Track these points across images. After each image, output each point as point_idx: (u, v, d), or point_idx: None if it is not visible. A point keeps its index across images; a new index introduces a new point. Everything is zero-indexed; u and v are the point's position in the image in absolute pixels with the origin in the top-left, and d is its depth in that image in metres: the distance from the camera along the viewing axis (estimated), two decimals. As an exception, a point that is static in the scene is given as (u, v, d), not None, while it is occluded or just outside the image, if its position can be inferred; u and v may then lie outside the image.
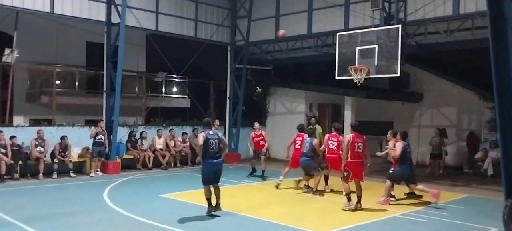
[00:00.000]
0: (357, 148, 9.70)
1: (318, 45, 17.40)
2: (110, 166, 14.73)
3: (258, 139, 14.39)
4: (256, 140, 14.37)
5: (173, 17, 17.28)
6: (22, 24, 14.86)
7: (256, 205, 10.33)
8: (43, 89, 16.88)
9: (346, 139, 9.93)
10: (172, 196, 11.11)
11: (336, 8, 15.91)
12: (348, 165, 9.71)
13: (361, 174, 9.87)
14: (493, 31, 3.43)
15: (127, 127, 16.47)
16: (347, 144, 9.70)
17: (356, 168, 9.74)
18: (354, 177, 9.74)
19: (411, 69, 18.10)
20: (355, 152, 9.69)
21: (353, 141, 9.70)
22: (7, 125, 14.40)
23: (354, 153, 9.69)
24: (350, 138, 9.76)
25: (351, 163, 9.69)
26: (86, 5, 14.90)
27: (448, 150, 16.15)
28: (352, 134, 9.86)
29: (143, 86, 19.64)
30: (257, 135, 14.44)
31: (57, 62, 17.55)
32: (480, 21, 12.91)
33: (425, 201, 10.75)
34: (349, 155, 9.68)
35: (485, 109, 16.91)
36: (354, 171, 9.69)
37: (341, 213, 9.70)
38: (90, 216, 9.01)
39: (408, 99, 19.11)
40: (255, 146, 14.38)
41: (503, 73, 3.36)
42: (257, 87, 20.84)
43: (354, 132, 9.96)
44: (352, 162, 9.69)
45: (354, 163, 9.72)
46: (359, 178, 9.83)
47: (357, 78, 13.24)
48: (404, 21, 13.82)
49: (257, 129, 14.63)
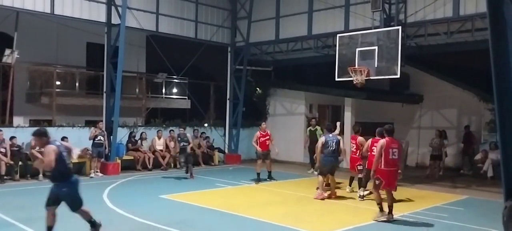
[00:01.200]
0: (391, 155, 8.74)
1: (318, 46, 17.41)
2: (110, 166, 14.73)
3: (264, 138, 13.88)
4: (262, 140, 13.81)
5: (173, 18, 17.29)
6: (23, 24, 14.87)
7: (256, 205, 10.33)
8: (43, 90, 16.89)
9: (379, 145, 8.84)
10: (172, 197, 11.10)
11: (336, 9, 15.92)
12: (381, 173, 8.75)
13: (394, 183, 8.98)
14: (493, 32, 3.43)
15: (127, 128, 16.48)
16: (380, 149, 8.69)
17: (389, 177, 8.80)
18: (386, 186, 8.86)
19: (411, 70, 18.11)
20: (390, 159, 8.72)
21: (388, 147, 8.74)
22: (7, 125, 14.40)
23: (388, 160, 8.71)
24: (383, 143, 8.75)
25: (384, 171, 8.74)
26: (87, 6, 14.91)
27: (448, 151, 16.14)
28: (386, 139, 8.87)
29: (143, 87, 19.65)
30: (263, 135, 13.93)
31: (57, 63, 17.56)
32: (480, 23, 12.92)
33: (426, 202, 10.75)
34: (382, 162, 8.69)
35: (485, 110, 16.91)
36: (386, 180, 8.76)
37: (341, 214, 9.70)
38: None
39: (408, 100, 19.12)
40: (261, 146, 13.77)
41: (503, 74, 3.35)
42: (257, 88, 20.84)
43: (389, 136, 8.96)
44: (385, 170, 8.74)
45: (387, 171, 8.77)
46: (392, 187, 8.98)
47: (357, 80, 13.23)
48: (404, 23, 13.83)
49: (263, 129, 14.12)
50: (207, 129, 19.09)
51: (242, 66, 19.27)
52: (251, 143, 20.14)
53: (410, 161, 18.87)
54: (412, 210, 10.00)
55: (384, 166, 8.69)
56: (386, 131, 9.07)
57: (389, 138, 8.90)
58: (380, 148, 8.70)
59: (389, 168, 8.74)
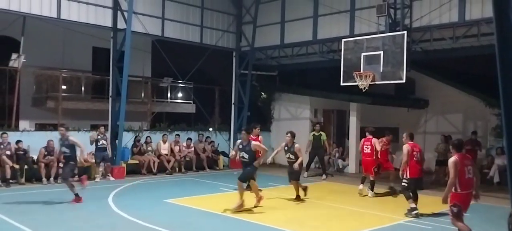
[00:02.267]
0: (467, 173, 7.13)
1: (323, 51, 17.40)
2: (115, 170, 14.76)
3: None
4: None
5: (179, 23, 17.35)
6: (29, 29, 14.97)
7: (260, 210, 10.30)
8: (49, 94, 16.97)
9: (451, 163, 7.09)
10: (176, 201, 11.10)
11: (341, 14, 15.92)
12: (457, 197, 7.09)
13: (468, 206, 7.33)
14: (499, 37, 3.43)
15: (132, 132, 16.52)
16: (454, 169, 6.99)
17: (466, 201, 7.19)
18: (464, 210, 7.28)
19: (417, 75, 18.04)
20: (466, 179, 7.11)
21: (462, 164, 7.09)
22: (13, 129, 14.46)
23: (464, 181, 7.07)
24: (456, 160, 7.05)
25: (461, 195, 7.08)
26: (93, 11, 14.99)
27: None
28: (456, 156, 7.16)
29: (149, 92, 19.71)
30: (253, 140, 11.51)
31: (63, 67, 17.64)
32: (486, 28, 12.87)
33: (431, 208, 10.68)
34: (458, 184, 7.03)
35: (491, 116, 16.82)
36: (464, 204, 7.17)
37: (346, 219, 9.66)
38: (95, 220, 9.02)
39: (413, 105, 19.05)
40: None
41: (509, 79, 3.35)
42: (262, 93, 20.86)
43: (457, 151, 7.26)
44: (463, 194, 7.08)
45: (465, 195, 7.13)
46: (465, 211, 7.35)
47: (363, 84, 13.22)
48: (409, 28, 13.81)
49: (255, 133, 12.23)
50: (212, 133, 19.11)
51: (247, 71, 19.29)
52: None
53: (416, 166, 18.78)
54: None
55: (460, 189, 7.03)
56: (454, 145, 7.40)
57: (460, 154, 7.22)
58: (454, 166, 7.00)
59: (467, 191, 7.13)
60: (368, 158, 12.37)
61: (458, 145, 7.39)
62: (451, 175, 7.06)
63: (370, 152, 12.27)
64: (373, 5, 14.40)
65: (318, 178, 15.90)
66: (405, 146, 9.94)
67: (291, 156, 11.24)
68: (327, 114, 20.25)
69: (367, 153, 12.35)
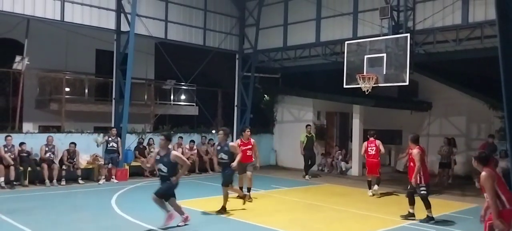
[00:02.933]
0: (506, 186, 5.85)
1: (326, 53, 17.40)
2: (118, 173, 14.79)
3: (246, 148, 11.43)
4: (243, 148, 11.16)
5: (182, 26, 17.39)
6: (33, 31, 15.02)
7: (263, 212, 10.30)
8: (52, 96, 17.00)
9: (489, 180, 5.69)
10: (179, 203, 11.07)
11: (344, 16, 15.92)
12: (504, 214, 5.61)
13: None
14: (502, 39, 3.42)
15: (135, 134, 16.54)
16: (491, 184, 5.65)
17: None
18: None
19: (420, 78, 18.03)
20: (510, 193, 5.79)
21: (499, 178, 5.82)
22: (17, 131, 14.51)
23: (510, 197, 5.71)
24: (488, 176, 5.69)
25: (508, 212, 5.64)
26: (96, 13, 15.04)
27: (457, 159, 16.01)
28: (487, 170, 5.77)
29: (152, 94, 19.72)
30: (245, 143, 11.58)
31: (67, 70, 17.68)
32: (489, 30, 12.85)
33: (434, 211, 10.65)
34: (505, 199, 5.65)
35: (495, 118, 16.77)
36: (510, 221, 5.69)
37: (349, 221, 9.64)
38: (98, 222, 9.04)
39: (416, 108, 19.02)
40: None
41: (512, 82, 3.34)
42: (264, 95, 20.87)
43: (485, 166, 5.87)
44: (510, 210, 5.64)
45: None
46: None
47: (366, 86, 13.22)
48: (412, 30, 13.79)
49: (246, 137, 11.77)
50: (215, 136, 19.08)
51: (250, 73, 19.31)
52: (258, 150, 20.09)
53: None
54: (420, 218, 9.91)
55: (509, 205, 5.64)
56: (481, 160, 5.96)
57: (490, 168, 5.87)
58: (491, 183, 5.69)
59: None
60: (373, 160, 12.79)
61: (484, 158, 6.00)
62: (489, 194, 5.71)
63: (375, 153, 12.71)
64: (376, 7, 14.40)
65: (320, 180, 15.89)
66: (416, 150, 9.52)
67: (223, 156, 9.95)
68: (330, 117, 20.23)
69: (372, 155, 12.76)
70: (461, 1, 13.23)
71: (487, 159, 6.03)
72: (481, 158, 6.01)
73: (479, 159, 6.02)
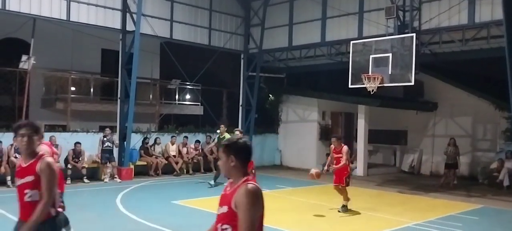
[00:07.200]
0: None
1: (332, 53, 17.37)
2: (123, 172, 14.83)
3: None
4: None
5: (187, 25, 17.41)
6: (39, 31, 15.07)
7: (269, 212, 10.14)
8: (58, 96, 17.08)
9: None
10: (184, 203, 11.13)
11: (350, 16, 15.89)
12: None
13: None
14: (509, 40, 3.40)
15: (140, 134, 16.58)
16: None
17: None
18: None
19: (426, 78, 17.97)
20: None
21: None
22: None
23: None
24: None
25: None
26: (102, 13, 15.09)
27: (462, 159, 15.92)
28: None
29: (157, 93, 19.77)
30: None
31: (73, 69, 17.75)
32: (496, 30, 12.78)
33: (440, 211, 10.63)
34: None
35: (501, 119, 16.70)
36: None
37: (354, 222, 9.63)
38: (103, 222, 9.07)
39: (422, 108, 18.96)
40: None
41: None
42: (269, 95, 20.87)
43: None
44: None
45: None
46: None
47: (371, 87, 13.17)
48: (418, 30, 13.74)
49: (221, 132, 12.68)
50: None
51: (255, 73, 19.31)
52: (263, 150, 20.33)
53: (425, 169, 18.70)
54: (426, 218, 9.89)
55: None
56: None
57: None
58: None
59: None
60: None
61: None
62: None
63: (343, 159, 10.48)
64: (381, 7, 14.35)
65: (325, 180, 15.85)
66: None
67: None
68: (335, 117, 20.20)
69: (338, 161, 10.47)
70: (467, 1, 13.16)
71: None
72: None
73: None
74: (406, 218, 9.92)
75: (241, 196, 3.00)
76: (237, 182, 3.11)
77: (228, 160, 3.12)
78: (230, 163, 3.12)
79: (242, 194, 3.00)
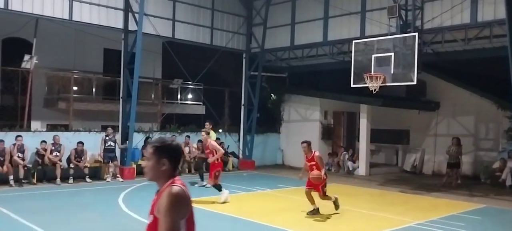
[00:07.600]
0: None
1: (334, 52, 17.35)
2: (125, 171, 14.85)
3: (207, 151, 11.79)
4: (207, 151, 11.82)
5: (189, 25, 17.42)
6: (41, 31, 15.11)
7: (270, 212, 10.30)
8: (60, 95, 17.10)
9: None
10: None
11: (352, 15, 15.87)
12: None
13: None
14: (512, 39, 3.40)
15: (142, 133, 16.60)
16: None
17: None
18: None
19: (428, 77, 17.93)
20: None
21: None
22: (25, 129, 14.61)
23: None
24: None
25: None
26: (104, 13, 15.10)
27: (464, 159, 15.89)
28: None
29: (159, 93, 19.77)
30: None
31: (75, 69, 17.77)
32: (498, 29, 12.74)
33: (442, 211, 10.61)
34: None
35: (504, 118, 16.66)
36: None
37: (355, 221, 9.62)
38: (105, 221, 9.09)
39: (424, 108, 18.93)
40: None
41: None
42: (271, 94, 20.87)
43: None
44: None
45: None
46: None
47: (373, 86, 13.15)
48: (420, 29, 13.72)
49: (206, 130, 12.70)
50: (222, 135, 19.13)
51: (257, 73, 19.31)
52: (265, 149, 20.35)
53: (427, 169, 18.68)
54: (428, 218, 9.87)
55: None
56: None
57: None
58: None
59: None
60: None
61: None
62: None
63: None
64: (384, 6, 14.34)
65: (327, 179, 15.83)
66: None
67: None
68: (337, 116, 20.19)
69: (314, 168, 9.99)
70: (470, 0, 13.14)
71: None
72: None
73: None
74: (408, 217, 9.91)
75: (162, 199, 2.74)
76: (162, 187, 2.86)
77: (159, 163, 2.85)
78: (161, 167, 2.85)
79: (164, 196, 2.74)
